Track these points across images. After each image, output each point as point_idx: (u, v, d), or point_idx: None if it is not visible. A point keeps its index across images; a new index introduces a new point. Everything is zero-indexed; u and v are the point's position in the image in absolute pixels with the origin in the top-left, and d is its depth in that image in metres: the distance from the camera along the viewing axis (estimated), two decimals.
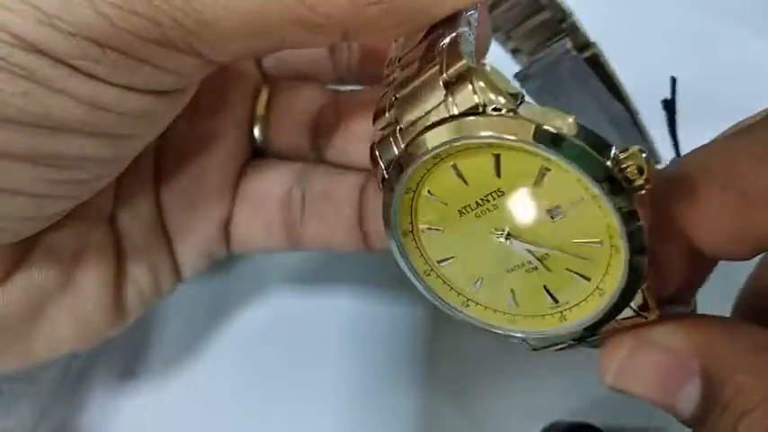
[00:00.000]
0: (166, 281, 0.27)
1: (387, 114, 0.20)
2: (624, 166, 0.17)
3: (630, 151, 0.17)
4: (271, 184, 0.27)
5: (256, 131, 0.28)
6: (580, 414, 0.30)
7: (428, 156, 0.18)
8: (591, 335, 0.20)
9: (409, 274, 0.21)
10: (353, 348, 0.32)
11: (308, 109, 0.27)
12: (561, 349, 0.21)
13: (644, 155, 0.17)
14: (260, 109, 0.27)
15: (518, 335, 0.21)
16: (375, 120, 0.20)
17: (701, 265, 0.20)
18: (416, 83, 0.19)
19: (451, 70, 0.18)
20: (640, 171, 0.17)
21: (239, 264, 0.34)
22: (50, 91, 0.18)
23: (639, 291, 0.18)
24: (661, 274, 0.19)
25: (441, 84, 0.18)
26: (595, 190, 0.17)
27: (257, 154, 0.28)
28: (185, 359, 0.33)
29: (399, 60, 0.21)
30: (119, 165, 0.22)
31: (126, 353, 0.32)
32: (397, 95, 0.19)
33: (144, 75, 0.19)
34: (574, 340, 0.20)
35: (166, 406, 0.32)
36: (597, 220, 0.18)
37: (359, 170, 0.27)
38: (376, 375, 0.32)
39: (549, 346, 0.21)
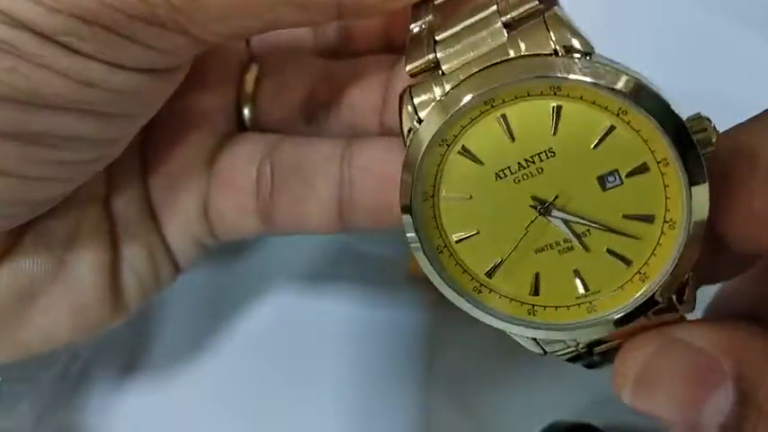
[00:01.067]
0: (163, 267, 0.26)
1: (424, 58, 0.18)
2: (692, 125, 0.16)
3: (696, 114, 0.16)
4: (240, 159, 0.25)
5: (246, 110, 0.26)
6: (580, 414, 0.30)
7: (483, 97, 0.17)
8: (606, 339, 0.19)
9: (418, 248, 0.19)
10: (354, 349, 0.32)
11: (300, 84, 0.26)
12: (571, 360, 0.20)
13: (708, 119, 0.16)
14: (248, 87, 0.26)
15: (533, 332, 0.19)
16: (407, 63, 0.19)
17: (720, 262, 0.19)
18: (466, 23, 0.18)
19: (516, 12, 0.17)
20: (706, 131, 0.16)
21: (240, 261, 0.34)
22: (37, 66, 0.18)
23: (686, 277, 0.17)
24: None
25: (501, 24, 0.17)
26: (668, 148, 0.16)
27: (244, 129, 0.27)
28: (185, 358, 0.33)
29: (433, 2, 0.19)
30: (113, 147, 0.21)
31: (125, 352, 0.32)
32: (438, 38, 0.18)
33: (132, 53, 0.18)
34: (587, 347, 0.19)
35: (166, 405, 0.32)
36: (656, 191, 0.17)
37: (337, 138, 0.25)
38: (376, 375, 0.32)
39: (560, 352, 0.20)
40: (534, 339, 0.19)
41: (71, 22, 0.17)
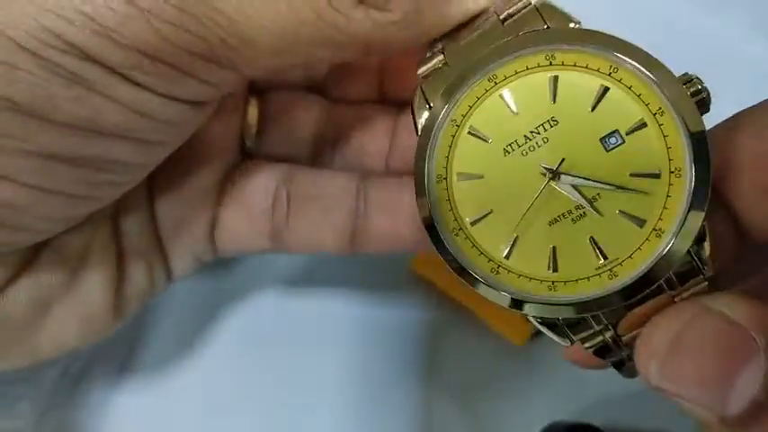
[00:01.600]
0: (160, 281, 0.27)
1: (434, 60, 0.20)
2: (688, 83, 0.18)
3: (690, 75, 0.18)
4: (256, 185, 0.27)
5: (248, 141, 0.28)
6: (580, 414, 0.30)
7: (486, 74, 0.19)
8: (635, 301, 0.18)
9: (436, 232, 0.19)
10: (354, 349, 0.32)
11: (306, 121, 0.28)
12: (599, 352, 0.20)
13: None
14: (251, 118, 0.28)
15: (555, 310, 0.19)
16: (419, 67, 0.21)
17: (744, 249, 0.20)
18: (470, 37, 0.20)
19: (511, 8, 0.19)
20: (702, 90, 0.17)
21: (238, 261, 0.34)
22: (101, 97, 0.19)
23: (700, 237, 0.17)
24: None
25: (497, 18, 0.19)
26: (660, 97, 0.17)
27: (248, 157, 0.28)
28: (183, 357, 0.33)
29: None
30: (144, 170, 0.23)
31: (123, 352, 0.33)
32: (446, 46, 0.20)
33: (187, 86, 0.20)
34: (613, 330, 0.19)
35: (165, 404, 0.32)
36: (656, 147, 0.18)
37: (349, 172, 0.27)
38: (376, 375, 0.32)
39: (588, 342, 0.19)
40: (560, 325, 0.19)
41: (136, 57, 0.19)
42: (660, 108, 0.18)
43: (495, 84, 0.19)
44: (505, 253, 0.19)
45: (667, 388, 0.17)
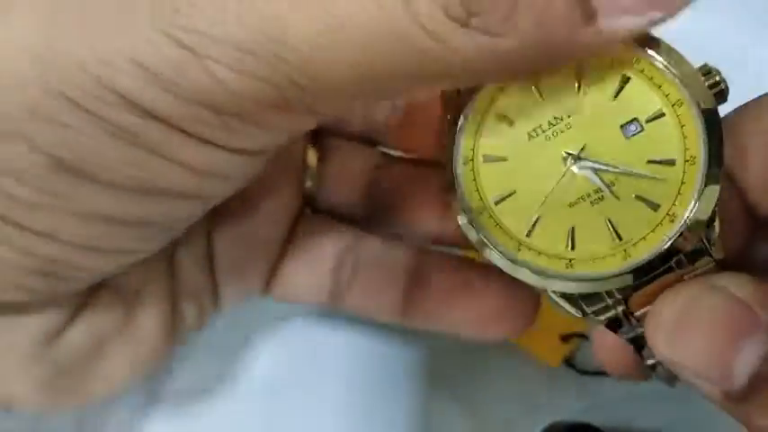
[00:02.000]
0: (207, 318, 0.27)
1: None
2: (707, 74, 0.19)
3: (708, 66, 0.19)
4: (323, 244, 0.27)
5: (308, 184, 0.27)
6: (580, 414, 0.30)
7: None
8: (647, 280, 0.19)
9: (461, 212, 0.20)
10: (354, 349, 0.32)
11: (364, 171, 0.27)
12: (611, 325, 0.20)
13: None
14: (311, 163, 0.27)
15: (572, 284, 0.20)
16: None
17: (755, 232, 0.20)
18: None
19: None
20: (720, 81, 0.18)
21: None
22: (160, 159, 0.17)
23: (710, 223, 0.18)
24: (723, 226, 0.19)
25: None
26: (683, 93, 0.18)
27: (306, 204, 0.28)
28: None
29: None
30: (202, 214, 0.22)
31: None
32: None
33: (256, 137, 0.18)
34: (624, 304, 0.20)
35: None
36: (673, 135, 0.19)
37: (411, 245, 0.27)
38: (376, 375, 0.32)
39: (599, 315, 0.20)
40: (574, 298, 0.20)
41: (199, 111, 0.16)
42: (679, 99, 0.19)
43: None
44: (527, 232, 0.20)
45: (672, 359, 0.18)
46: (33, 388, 0.22)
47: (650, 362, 0.21)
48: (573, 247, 0.20)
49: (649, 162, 0.19)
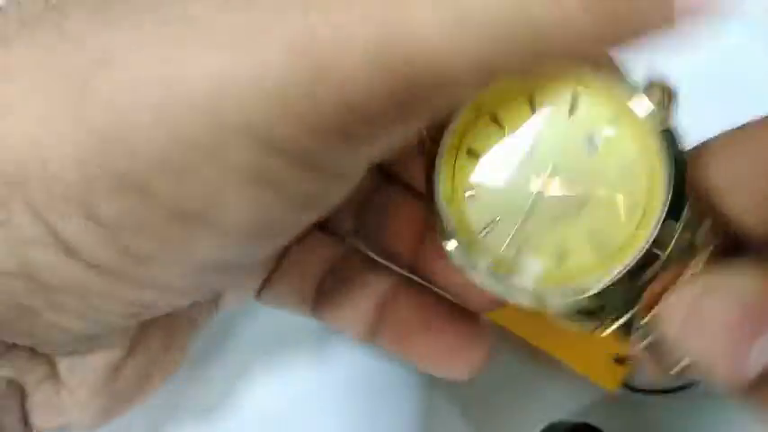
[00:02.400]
0: (206, 320, 0.26)
1: None
2: (648, 88, 0.19)
3: (653, 80, 0.19)
4: (314, 258, 0.26)
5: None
6: (580, 414, 0.30)
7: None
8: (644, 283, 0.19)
9: (455, 243, 0.21)
10: (354, 349, 0.32)
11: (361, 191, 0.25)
12: (621, 330, 0.20)
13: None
14: None
15: (564, 299, 0.20)
16: None
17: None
18: None
19: None
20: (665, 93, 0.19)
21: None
22: (274, 192, 0.16)
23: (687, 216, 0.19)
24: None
25: None
26: (632, 108, 0.19)
27: None
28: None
29: None
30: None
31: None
32: None
33: (368, 155, 0.17)
34: (635, 317, 0.20)
35: None
36: (632, 148, 0.19)
37: (389, 270, 0.26)
38: (376, 375, 0.32)
39: (607, 318, 0.20)
40: (577, 314, 0.20)
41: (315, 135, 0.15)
42: (628, 113, 0.19)
43: (480, 111, 0.20)
44: (515, 256, 0.20)
45: (691, 351, 0.18)
46: (93, 416, 0.23)
47: (675, 370, 0.21)
48: (561, 264, 0.20)
49: (617, 169, 0.19)
